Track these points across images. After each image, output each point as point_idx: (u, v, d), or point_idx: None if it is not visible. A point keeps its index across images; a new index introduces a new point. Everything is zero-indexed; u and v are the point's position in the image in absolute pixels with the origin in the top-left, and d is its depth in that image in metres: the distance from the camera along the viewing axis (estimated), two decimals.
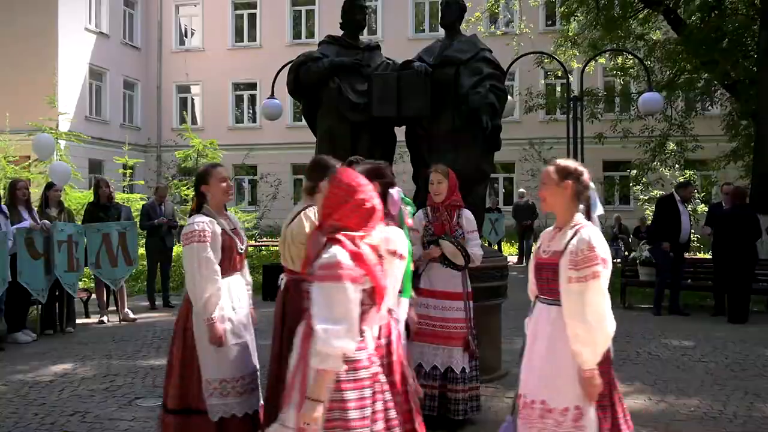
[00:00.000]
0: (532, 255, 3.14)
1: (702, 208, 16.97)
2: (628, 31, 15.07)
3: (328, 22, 19.20)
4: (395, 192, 3.23)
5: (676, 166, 18.68)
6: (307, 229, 3.46)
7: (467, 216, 4.53)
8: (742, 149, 15.31)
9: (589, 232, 2.87)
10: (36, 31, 21.95)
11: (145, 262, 10.28)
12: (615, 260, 16.92)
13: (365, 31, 7.29)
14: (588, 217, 2.98)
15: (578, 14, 15.71)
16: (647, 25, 15.45)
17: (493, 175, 6.87)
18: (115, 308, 8.84)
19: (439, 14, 6.66)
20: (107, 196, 8.86)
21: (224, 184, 3.69)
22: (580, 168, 3.01)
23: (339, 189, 2.67)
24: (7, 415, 4.80)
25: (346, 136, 6.11)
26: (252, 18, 27.73)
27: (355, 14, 6.43)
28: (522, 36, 18.41)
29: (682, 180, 13.24)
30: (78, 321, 8.37)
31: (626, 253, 14.41)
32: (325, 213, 2.68)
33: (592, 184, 3.01)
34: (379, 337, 2.86)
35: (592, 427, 2.77)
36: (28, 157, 14.58)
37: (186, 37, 28.82)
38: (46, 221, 7.73)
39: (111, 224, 8.50)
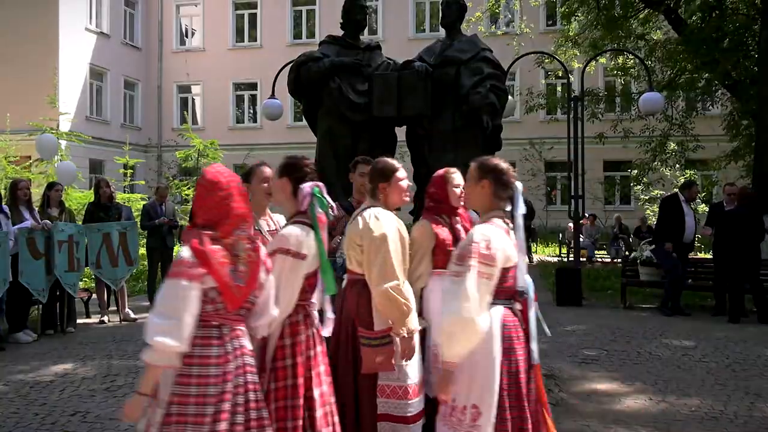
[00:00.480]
0: None
1: (703, 208, 16.97)
2: (629, 31, 15.05)
3: (329, 22, 19.22)
4: (305, 186, 3.08)
5: (677, 166, 18.68)
6: (360, 229, 3.34)
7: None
8: (743, 149, 15.30)
9: (480, 229, 2.91)
10: (37, 31, 21.98)
11: (145, 262, 10.29)
12: (615, 260, 17.07)
13: (366, 31, 7.28)
14: (512, 216, 2.99)
15: (579, 14, 15.71)
16: (648, 25, 15.44)
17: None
18: (115, 308, 8.84)
19: (440, 14, 6.66)
20: (108, 196, 8.86)
21: (265, 185, 3.59)
22: (502, 166, 3.04)
23: (201, 187, 2.71)
24: (8, 415, 4.80)
25: (347, 136, 6.12)
26: (252, 18, 27.74)
27: (356, 14, 6.43)
28: (522, 36, 18.40)
29: (683, 180, 13.24)
30: (79, 321, 8.38)
31: (626, 253, 14.41)
32: (193, 211, 2.76)
33: (517, 183, 3.02)
34: (281, 337, 2.92)
35: (488, 429, 2.77)
36: (29, 157, 14.57)
37: (187, 37, 28.84)
38: (47, 221, 7.73)
39: (112, 224, 8.51)
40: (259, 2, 27.43)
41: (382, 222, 3.30)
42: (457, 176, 3.82)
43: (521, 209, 2.97)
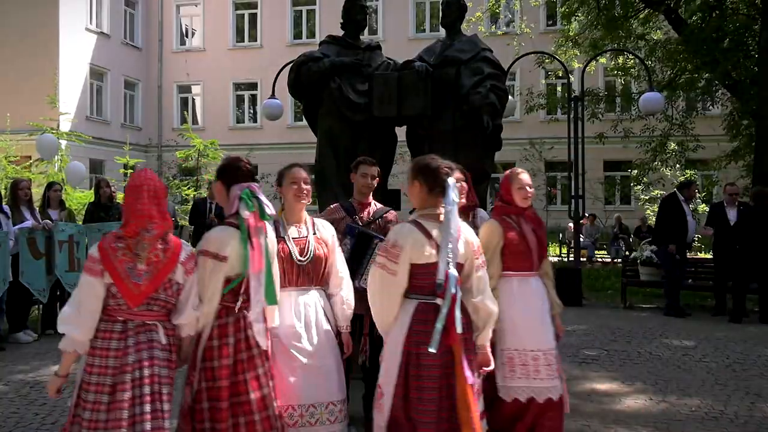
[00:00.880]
0: None
1: (703, 207, 16.96)
2: (629, 31, 15.05)
3: (329, 22, 19.22)
4: (235, 188, 3.09)
5: (677, 165, 18.66)
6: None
7: (481, 215, 4.54)
8: (743, 149, 15.29)
9: (395, 227, 3.22)
10: (37, 31, 21.98)
11: None
12: (615, 260, 17.06)
13: (366, 31, 7.29)
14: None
15: (579, 14, 15.70)
16: (648, 25, 15.44)
17: (493, 175, 6.88)
18: None
19: (440, 14, 6.67)
20: (108, 196, 8.85)
21: (295, 187, 3.40)
22: (433, 165, 3.11)
23: (125, 190, 2.95)
24: (8, 415, 4.80)
25: (347, 135, 6.12)
26: (253, 18, 27.74)
27: (356, 14, 6.43)
28: (523, 36, 18.40)
29: (683, 180, 13.24)
30: None
31: (627, 252, 14.41)
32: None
33: (450, 180, 3.07)
34: (210, 338, 2.98)
35: (384, 411, 3.05)
36: (29, 157, 14.57)
37: (187, 37, 28.84)
38: (48, 221, 7.73)
39: (112, 224, 8.47)
40: (260, 2, 27.43)
41: None
42: (524, 176, 3.85)
43: (451, 204, 3.01)
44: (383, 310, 3.09)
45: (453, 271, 2.98)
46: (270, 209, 3.10)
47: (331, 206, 4.67)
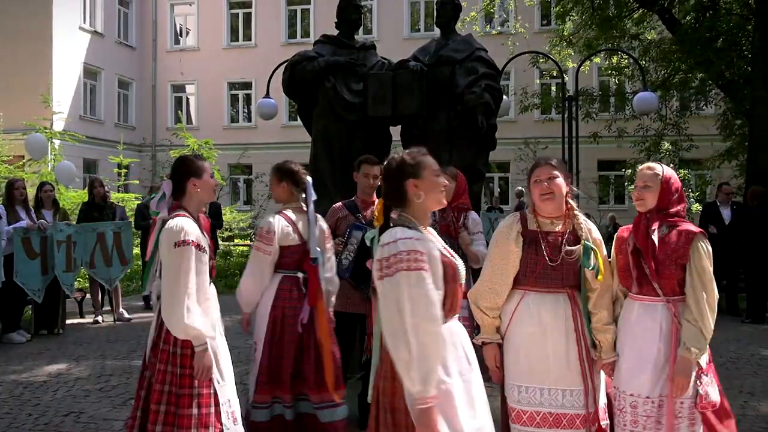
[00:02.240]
0: None
1: (696, 207, 17.01)
2: (623, 31, 15.07)
3: (324, 21, 19.21)
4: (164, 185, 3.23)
5: (671, 165, 18.70)
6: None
7: (473, 218, 4.53)
8: (737, 149, 15.35)
9: (267, 218, 3.87)
10: (30, 30, 21.87)
11: (139, 262, 10.26)
12: (609, 260, 17.08)
13: (360, 30, 7.29)
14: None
15: (573, 14, 15.72)
16: (642, 25, 15.47)
17: (488, 175, 6.88)
18: (109, 308, 8.82)
19: (435, 14, 6.67)
20: (102, 195, 8.83)
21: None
22: (295, 169, 3.96)
23: None
24: (1, 415, 4.78)
25: (342, 135, 6.12)
26: (247, 17, 27.68)
27: (351, 14, 6.43)
28: (517, 35, 18.42)
29: None
30: (72, 321, 8.35)
31: None
32: None
33: (307, 179, 3.94)
34: None
35: (257, 362, 3.82)
36: (23, 157, 14.52)
37: (181, 36, 28.76)
38: (43, 221, 7.71)
39: (106, 224, 8.48)
40: (254, 1, 27.36)
41: None
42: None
43: (312, 197, 3.87)
44: (256, 283, 3.83)
45: (318, 248, 3.84)
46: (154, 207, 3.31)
47: (335, 205, 4.67)
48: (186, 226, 2.98)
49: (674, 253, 3.05)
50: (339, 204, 4.63)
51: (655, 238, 3.04)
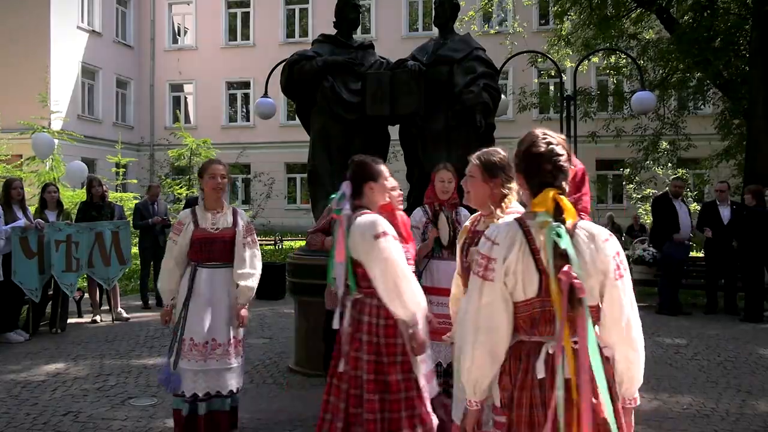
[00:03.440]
0: None
1: (694, 206, 17.03)
2: (621, 31, 15.10)
3: (322, 20, 19.20)
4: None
5: (669, 164, 18.74)
6: None
7: (464, 213, 4.55)
8: (734, 148, 15.38)
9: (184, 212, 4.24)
10: (28, 29, 21.85)
11: (138, 262, 10.24)
12: None
13: (359, 29, 7.29)
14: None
15: (571, 13, 15.74)
16: (640, 25, 15.49)
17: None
18: (107, 307, 8.80)
19: (433, 13, 6.67)
20: (100, 195, 8.81)
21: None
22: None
23: None
24: (0, 415, 4.77)
25: (340, 134, 6.12)
26: (245, 16, 27.67)
27: (349, 13, 6.43)
28: (515, 35, 18.43)
29: (674, 178, 13.30)
30: (71, 320, 8.34)
31: None
32: None
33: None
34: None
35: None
36: (20, 156, 14.51)
37: (179, 35, 28.75)
38: (40, 220, 7.69)
39: (104, 223, 8.46)
40: (252, 1, 27.36)
41: None
42: None
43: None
44: (166, 273, 4.15)
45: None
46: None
47: (330, 206, 4.67)
48: (377, 219, 3.13)
49: None
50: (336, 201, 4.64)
51: None
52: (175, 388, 3.97)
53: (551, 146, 2.08)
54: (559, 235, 1.95)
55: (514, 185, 2.79)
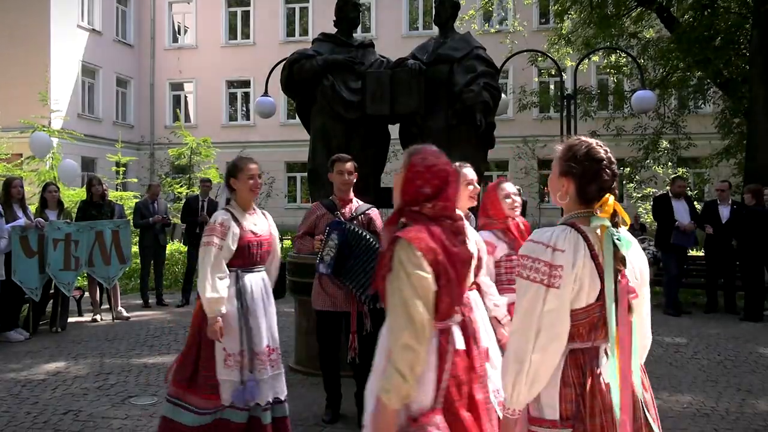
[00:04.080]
0: None
1: (696, 205, 17.02)
2: (622, 29, 15.09)
3: (322, 19, 19.18)
4: None
5: (669, 164, 18.74)
6: None
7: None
8: (735, 147, 15.37)
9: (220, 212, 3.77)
10: (28, 28, 21.84)
11: (138, 260, 10.24)
12: None
13: (359, 28, 7.30)
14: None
15: (572, 12, 15.73)
16: (640, 24, 15.48)
17: (486, 173, 6.88)
18: (108, 306, 8.81)
19: (433, 12, 6.67)
20: (100, 194, 8.82)
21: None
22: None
23: None
24: (0, 414, 4.78)
25: (340, 133, 6.13)
26: (245, 15, 27.65)
27: (349, 12, 6.44)
28: (515, 34, 18.42)
29: (674, 177, 13.30)
30: (71, 319, 8.34)
31: None
32: None
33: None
34: None
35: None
36: (20, 155, 14.50)
37: (179, 34, 28.73)
38: (41, 219, 7.70)
39: (104, 222, 8.46)
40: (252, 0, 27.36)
41: None
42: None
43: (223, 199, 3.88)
44: (216, 281, 3.59)
45: None
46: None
47: (313, 205, 4.69)
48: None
49: None
50: (316, 203, 4.66)
51: None
52: (250, 399, 3.66)
53: (608, 154, 2.12)
54: (620, 240, 2.00)
55: None
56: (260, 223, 3.87)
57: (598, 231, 2.02)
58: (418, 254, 2.21)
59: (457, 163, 4.14)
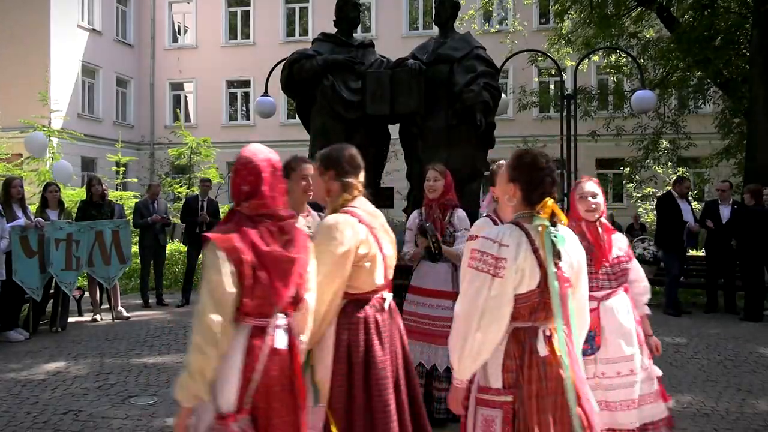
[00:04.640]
0: None
1: (695, 205, 17.04)
2: (622, 29, 15.08)
3: (322, 19, 19.17)
4: None
5: (669, 163, 18.74)
6: None
7: (459, 215, 4.53)
8: (735, 147, 15.37)
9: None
10: (28, 28, 21.83)
11: (138, 260, 10.25)
12: None
13: (359, 28, 7.30)
14: None
15: (572, 12, 15.72)
16: (640, 23, 15.48)
17: (486, 173, 6.86)
18: (108, 306, 8.81)
19: (433, 12, 6.67)
20: (99, 194, 8.82)
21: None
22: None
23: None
24: (0, 413, 4.78)
25: (340, 133, 6.11)
26: (245, 15, 27.64)
27: (349, 12, 6.44)
28: (515, 34, 18.41)
29: (675, 177, 13.31)
30: (71, 319, 8.34)
31: None
32: None
33: None
34: None
35: None
36: (20, 155, 14.49)
37: (179, 34, 28.71)
38: (40, 219, 7.70)
39: (104, 222, 8.47)
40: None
41: None
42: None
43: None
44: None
45: None
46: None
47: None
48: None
49: None
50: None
51: None
52: None
53: (550, 164, 2.43)
54: (556, 237, 2.36)
55: (352, 180, 2.95)
56: (314, 226, 3.60)
57: (540, 229, 2.34)
58: (219, 254, 2.30)
59: (497, 163, 4.05)
